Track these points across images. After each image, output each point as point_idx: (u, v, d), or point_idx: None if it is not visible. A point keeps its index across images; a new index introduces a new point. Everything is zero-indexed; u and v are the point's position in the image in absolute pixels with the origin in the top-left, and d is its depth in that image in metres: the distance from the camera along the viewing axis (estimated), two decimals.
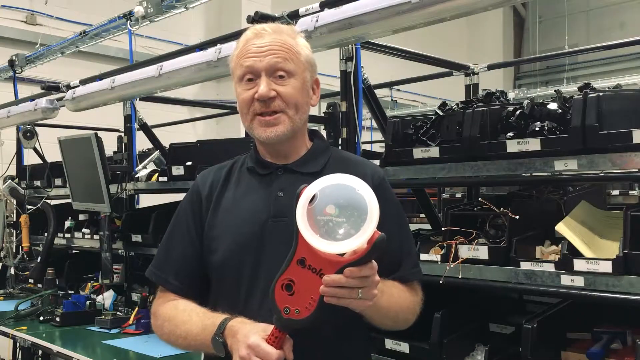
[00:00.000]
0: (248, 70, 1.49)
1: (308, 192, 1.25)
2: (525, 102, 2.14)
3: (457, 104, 2.35)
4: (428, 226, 2.88)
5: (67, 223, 4.24)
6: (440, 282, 2.16)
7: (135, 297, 3.54)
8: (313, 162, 1.57)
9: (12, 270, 4.42)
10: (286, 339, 1.30)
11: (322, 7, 2.46)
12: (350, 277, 1.21)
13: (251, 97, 1.49)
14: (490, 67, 3.44)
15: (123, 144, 3.91)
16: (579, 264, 1.87)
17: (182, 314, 1.49)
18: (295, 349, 1.31)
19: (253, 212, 1.52)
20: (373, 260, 1.24)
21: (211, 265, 1.54)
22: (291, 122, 1.50)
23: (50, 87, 4.23)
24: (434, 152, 2.27)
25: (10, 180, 4.60)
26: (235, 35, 2.97)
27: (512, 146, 2.07)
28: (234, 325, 1.37)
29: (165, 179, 3.41)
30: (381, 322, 1.50)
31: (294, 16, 2.61)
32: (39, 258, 4.06)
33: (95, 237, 3.86)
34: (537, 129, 2.03)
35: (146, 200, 4.60)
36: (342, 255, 1.23)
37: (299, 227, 1.23)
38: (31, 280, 4.26)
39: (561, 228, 1.98)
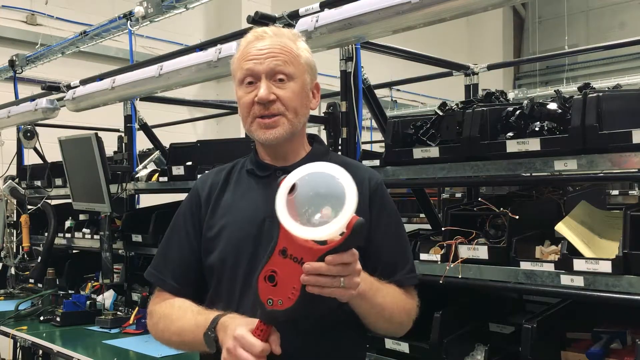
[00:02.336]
0: (248, 73, 1.50)
1: (287, 181, 1.26)
2: (525, 102, 2.14)
3: (457, 104, 2.35)
4: (428, 226, 2.88)
5: (68, 223, 4.24)
6: (440, 282, 2.16)
7: (135, 297, 3.54)
8: None
9: (13, 270, 4.42)
10: (272, 332, 1.30)
11: (322, 7, 2.46)
12: (331, 264, 1.21)
13: (252, 100, 1.50)
14: (490, 67, 3.44)
15: (123, 144, 3.91)
16: (578, 264, 1.88)
17: (177, 311, 1.50)
18: (285, 347, 1.32)
19: (251, 213, 1.52)
20: (354, 249, 1.24)
21: (208, 265, 1.55)
22: (290, 125, 1.51)
23: (51, 87, 4.22)
24: (433, 152, 2.28)
25: (10, 180, 4.61)
26: (235, 36, 2.97)
27: (512, 146, 2.07)
28: (226, 320, 1.37)
29: (165, 179, 3.42)
30: (375, 322, 1.49)
31: (294, 16, 2.61)
32: (39, 258, 4.06)
33: (95, 237, 3.86)
34: (537, 129, 2.04)
35: (146, 200, 4.60)
36: (322, 243, 1.23)
37: (278, 215, 1.24)
38: (31, 280, 4.25)
39: (561, 228, 1.98)
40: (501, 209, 2.19)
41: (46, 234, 4.13)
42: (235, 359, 1.28)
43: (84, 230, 4.02)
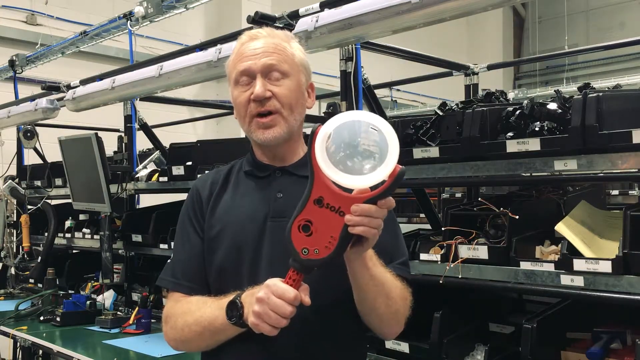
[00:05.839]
0: (244, 72, 1.51)
1: (324, 130, 1.23)
2: (525, 102, 2.14)
3: (457, 104, 2.35)
4: (428, 226, 2.88)
5: (68, 223, 4.25)
6: (440, 282, 2.16)
7: (135, 296, 3.54)
8: None
9: (13, 270, 4.43)
10: (302, 286, 1.29)
11: (322, 7, 2.46)
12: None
13: (247, 98, 1.50)
14: (490, 67, 3.45)
15: (123, 144, 3.91)
16: (578, 264, 1.88)
17: (198, 302, 1.49)
18: (285, 347, 1.31)
19: (252, 213, 1.52)
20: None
21: (211, 264, 1.54)
22: (286, 123, 1.51)
23: (51, 87, 4.23)
24: (433, 152, 2.28)
25: (10, 180, 4.61)
26: (235, 36, 2.96)
27: (512, 146, 2.07)
28: (252, 290, 1.36)
29: (165, 179, 3.41)
30: (375, 299, 1.43)
31: (294, 16, 2.61)
32: (39, 258, 4.06)
33: (95, 237, 3.86)
34: (537, 129, 2.04)
35: (146, 200, 4.61)
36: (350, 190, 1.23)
37: (319, 165, 1.21)
38: (31, 280, 4.26)
39: (561, 228, 1.98)
40: (501, 209, 2.19)
41: (46, 234, 4.13)
42: (268, 307, 1.27)
43: (84, 230, 4.03)
